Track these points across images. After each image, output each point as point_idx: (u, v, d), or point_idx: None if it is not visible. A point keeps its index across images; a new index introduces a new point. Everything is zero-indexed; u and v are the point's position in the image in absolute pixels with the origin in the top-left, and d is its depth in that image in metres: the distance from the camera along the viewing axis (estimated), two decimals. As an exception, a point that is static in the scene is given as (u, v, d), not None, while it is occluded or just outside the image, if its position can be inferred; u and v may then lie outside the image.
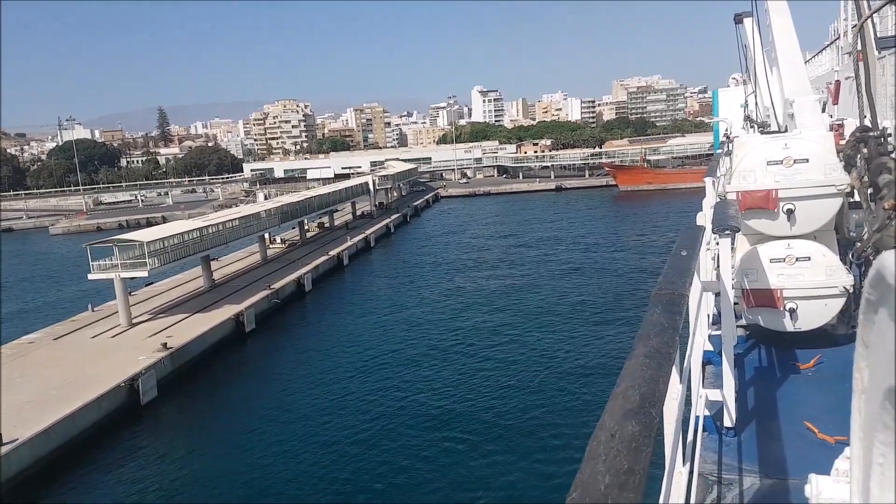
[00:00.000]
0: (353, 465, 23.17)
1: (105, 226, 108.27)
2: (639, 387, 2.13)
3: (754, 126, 12.33)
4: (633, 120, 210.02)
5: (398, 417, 27.23)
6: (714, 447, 5.61)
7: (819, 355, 7.31)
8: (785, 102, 9.32)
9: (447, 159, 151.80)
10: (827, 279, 7.35)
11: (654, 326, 2.82)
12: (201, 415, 29.71)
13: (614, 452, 1.68)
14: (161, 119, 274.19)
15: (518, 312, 41.96)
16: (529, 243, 68.08)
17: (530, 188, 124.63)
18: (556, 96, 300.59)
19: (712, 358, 6.94)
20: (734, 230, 5.77)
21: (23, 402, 26.73)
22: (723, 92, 26.42)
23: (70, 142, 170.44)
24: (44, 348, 34.99)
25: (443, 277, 54.53)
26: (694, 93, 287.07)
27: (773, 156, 7.46)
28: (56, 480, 23.26)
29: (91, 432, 26.10)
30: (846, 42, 20.36)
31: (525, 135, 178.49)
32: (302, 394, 30.33)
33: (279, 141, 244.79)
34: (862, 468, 1.36)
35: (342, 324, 42.46)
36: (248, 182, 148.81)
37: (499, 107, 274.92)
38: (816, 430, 5.58)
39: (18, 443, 22.93)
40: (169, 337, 35.08)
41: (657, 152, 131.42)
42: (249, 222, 55.26)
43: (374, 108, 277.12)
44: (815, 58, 30.16)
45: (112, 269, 39.64)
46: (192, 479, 23.00)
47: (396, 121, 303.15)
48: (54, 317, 44.95)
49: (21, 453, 22.86)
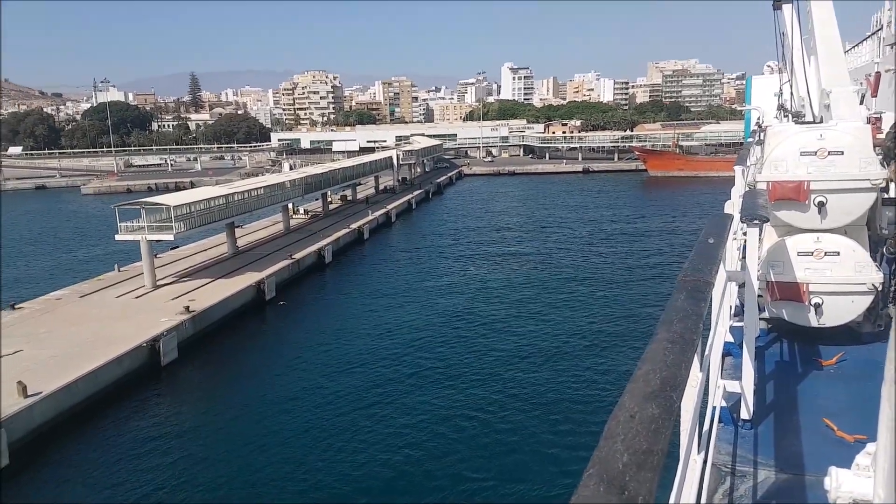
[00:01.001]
0: (364, 435, 23.56)
1: (135, 188, 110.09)
2: (660, 371, 2.13)
3: (787, 115, 12.04)
4: (667, 104, 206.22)
5: (411, 387, 27.60)
6: (729, 439, 5.55)
7: (842, 352, 7.14)
8: (821, 92, 9.07)
9: (473, 136, 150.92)
10: (855, 275, 7.17)
11: (679, 312, 2.81)
12: (219, 378, 30.37)
13: (633, 433, 1.69)
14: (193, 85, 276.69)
15: (537, 293, 41.94)
16: (553, 225, 67.73)
17: (556, 169, 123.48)
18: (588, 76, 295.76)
19: (732, 349, 6.85)
20: (763, 220, 5.67)
21: (47, 356, 27.56)
22: (757, 79, 25.66)
23: (104, 104, 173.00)
24: (70, 305, 35.93)
25: (462, 255, 54.61)
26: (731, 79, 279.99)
27: (807, 146, 7.30)
28: (75, 435, 24.02)
29: (111, 389, 26.86)
30: (889, 33, 19.69)
31: (554, 114, 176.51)
32: (317, 363, 30.81)
33: (307, 112, 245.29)
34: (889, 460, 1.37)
35: (359, 296, 42.86)
36: (275, 151, 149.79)
37: (528, 85, 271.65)
38: (835, 427, 5.48)
39: (41, 396, 23.70)
40: (192, 300, 35.75)
41: (690, 138, 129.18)
42: (274, 192, 55.75)
43: (402, 82, 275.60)
44: (855, 48, 29.19)
45: (139, 231, 40.37)
46: (205, 439, 23.61)
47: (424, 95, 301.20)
48: (82, 275, 46.06)
49: (43, 407, 23.63)
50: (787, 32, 12.90)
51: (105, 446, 23.31)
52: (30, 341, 29.50)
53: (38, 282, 47.28)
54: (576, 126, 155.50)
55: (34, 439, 23.07)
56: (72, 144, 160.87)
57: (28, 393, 23.51)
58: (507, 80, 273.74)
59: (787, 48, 12.88)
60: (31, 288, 44.30)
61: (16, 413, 22.46)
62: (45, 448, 23.02)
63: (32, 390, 23.81)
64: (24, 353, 28.00)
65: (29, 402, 23.20)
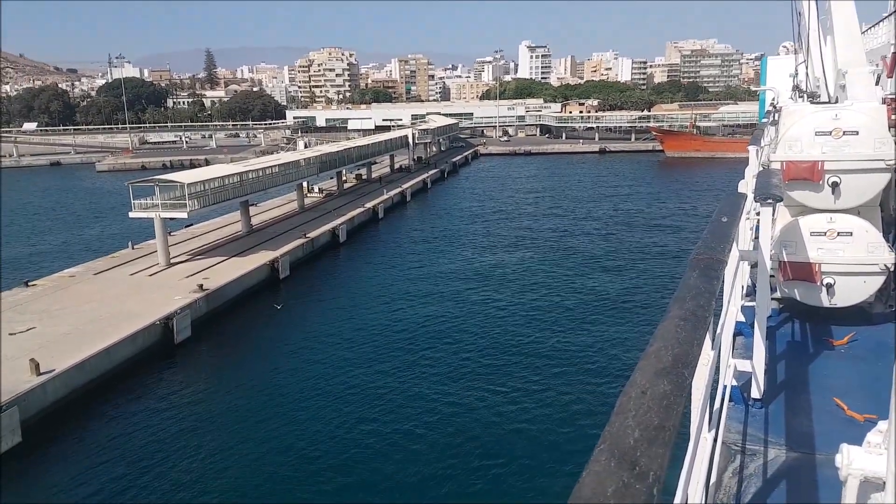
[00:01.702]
0: (375, 415, 23.25)
1: (149, 165, 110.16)
2: (672, 347, 2.12)
3: (803, 96, 11.79)
4: (685, 84, 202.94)
5: (423, 368, 27.37)
6: (740, 417, 5.56)
7: (853, 332, 7.14)
8: (837, 73, 9.02)
9: (489, 116, 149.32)
10: (868, 255, 7.16)
11: (691, 290, 2.81)
12: (232, 357, 30.15)
13: (645, 408, 1.70)
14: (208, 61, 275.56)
15: (552, 271, 41.45)
16: (569, 205, 66.86)
17: (573, 149, 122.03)
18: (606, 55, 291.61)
19: (744, 329, 6.86)
20: (776, 200, 5.58)
21: (61, 333, 27.42)
22: (772, 60, 25.27)
23: (119, 80, 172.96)
24: (84, 283, 35.81)
25: (477, 234, 54.00)
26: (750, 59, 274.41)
27: (822, 126, 7.23)
28: (87, 412, 23.89)
29: (124, 367, 26.71)
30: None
31: (571, 94, 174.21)
32: (328, 343, 30.50)
33: (323, 89, 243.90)
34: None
35: (373, 276, 42.45)
36: (290, 129, 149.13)
37: (546, 63, 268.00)
38: (846, 406, 5.47)
39: (55, 374, 23.55)
40: (205, 279, 35.50)
41: (708, 119, 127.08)
42: (289, 170, 55.27)
43: (419, 60, 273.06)
44: (872, 29, 28.59)
45: (153, 209, 40.09)
46: (217, 419, 23.40)
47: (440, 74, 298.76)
48: (96, 252, 46.03)
49: (56, 384, 23.49)
50: (804, 13, 12.70)
51: (117, 424, 23.15)
52: (43, 319, 29.37)
53: (53, 259, 47.29)
54: (593, 106, 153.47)
55: (47, 416, 22.95)
56: (87, 121, 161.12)
57: (41, 370, 23.36)
58: (525, 59, 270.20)
59: (804, 28, 12.78)
60: (45, 265, 44.31)
61: (28, 391, 22.31)
62: (58, 426, 22.91)
63: (45, 368, 23.65)
64: (37, 330, 27.88)
65: (42, 379, 23.04)
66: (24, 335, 27.22)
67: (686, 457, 3.08)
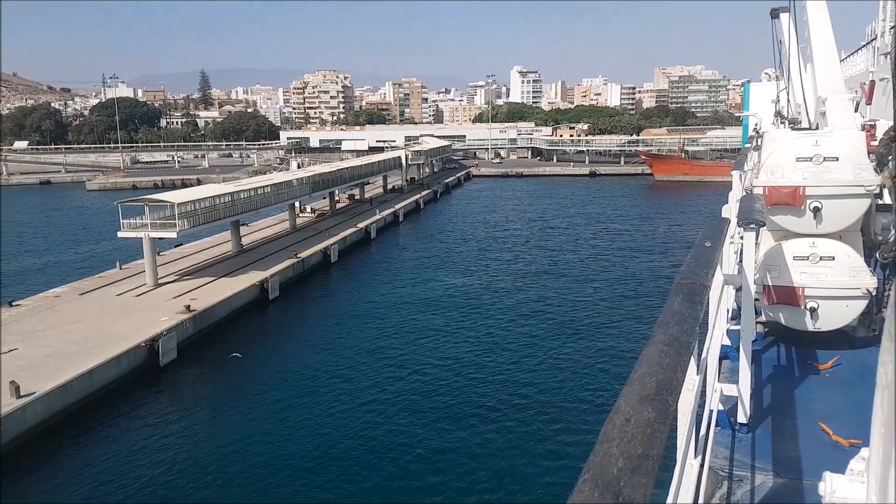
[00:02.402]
0: (366, 437, 22.83)
1: (140, 184, 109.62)
2: (656, 374, 2.11)
3: (785, 122, 12.07)
4: (673, 109, 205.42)
5: (412, 391, 27.02)
6: (726, 442, 5.54)
7: (838, 356, 7.22)
8: (817, 100, 9.22)
9: (482, 138, 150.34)
10: (850, 280, 7.24)
11: (675, 315, 2.80)
12: (217, 380, 29.62)
13: (629, 437, 1.69)
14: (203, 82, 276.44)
15: (541, 294, 41.27)
16: (559, 227, 66.96)
17: (564, 172, 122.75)
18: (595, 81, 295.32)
19: (729, 353, 6.88)
20: (759, 224, 5.66)
21: (43, 355, 26.88)
22: (755, 86, 25.68)
23: (112, 99, 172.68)
24: (69, 303, 35.26)
25: (469, 255, 53.87)
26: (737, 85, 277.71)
27: (803, 152, 7.34)
28: (68, 436, 23.31)
29: (107, 390, 26.15)
30: (883, 43, 19.87)
31: (562, 118, 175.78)
32: (318, 365, 30.07)
33: (317, 111, 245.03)
34: (881, 465, 1.37)
35: (364, 297, 42.11)
36: (283, 150, 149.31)
37: (537, 88, 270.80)
38: (831, 431, 5.52)
39: (35, 396, 23.00)
40: (193, 299, 35.07)
41: (696, 143, 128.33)
42: (281, 190, 55.10)
43: (413, 83, 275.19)
44: (850, 57, 29.19)
45: (142, 229, 39.72)
46: (200, 443, 22.88)
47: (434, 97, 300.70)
48: (83, 272, 45.47)
49: (37, 407, 22.93)
50: (785, 41, 13.10)
51: (98, 449, 22.58)
52: (26, 339, 28.82)
53: (39, 278, 46.71)
54: (583, 129, 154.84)
55: (26, 441, 22.36)
56: (79, 140, 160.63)
57: (21, 393, 22.81)
58: (516, 84, 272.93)
59: (785, 56, 13.08)
60: (31, 284, 43.71)
61: (8, 414, 21.77)
62: (38, 450, 22.30)
63: (26, 390, 23.12)
64: (19, 351, 27.32)
65: (22, 402, 22.49)
66: (6, 356, 26.62)
67: (672, 483, 3.08)
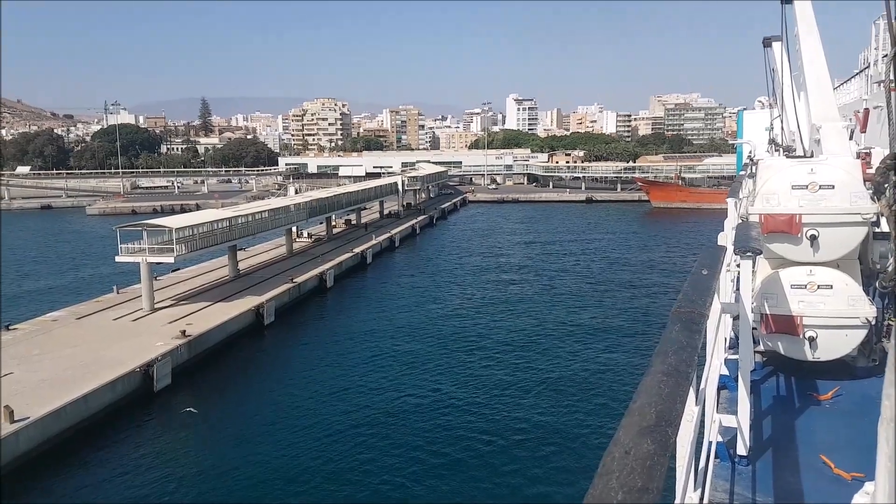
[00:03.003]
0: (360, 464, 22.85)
1: (140, 209, 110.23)
2: (655, 404, 2.10)
3: (779, 150, 12.15)
4: (669, 136, 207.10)
5: (407, 418, 26.99)
6: (726, 475, 5.44)
7: (838, 387, 7.10)
8: (812, 128, 9.21)
9: (478, 164, 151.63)
10: (849, 309, 7.13)
11: (673, 344, 2.78)
12: (211, 406, 29.64)
13: (628, 469, 1.67)
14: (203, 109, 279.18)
15: (537, 321, 41.36)
16: (555, 253, 67.29)
17: (560, 198, 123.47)
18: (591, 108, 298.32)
19: (728, 383, 6.77)
20: (756, 252, 5.58)
21: (38, 380, 27.01)
22: (748, 114, 25.86)
23: (114, 125, 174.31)
24: (66, 327, 35.44)
25: (464, 281, 54.11)
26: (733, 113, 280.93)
27: (799, 180, 7.32)
28: (61, 463, 23.34)
29: (101, 415, 26.23)
30: (876, 71, 20.09)
31: (558, 145, 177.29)
32: (314, 391, 30.15)
33: (315, 137, 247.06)
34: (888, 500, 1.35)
35: (360, 322, 42.29)
36: (281, 175, 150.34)
37: (533, 116, 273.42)
38: (832, 464, 5.42)
39: (29, 421, 23.08)
40: (189, 324, 35.25)
41: (693, 170, 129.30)
42: (278, 215, 55.59)
43: (410, 111, 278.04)
44: (844, 85, 29.57)
45: (139, 253, 40.06)
46: (194, 470, 22.91)
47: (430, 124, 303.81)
48: (81, 296, 45.65)
49: (31, 433, 23.00)
50: (777, 69, 13.18)
51: (91, 474, 22.62)
52: (21, 364, 28.96)
53: (38, 302, 46.87)
54: (579, 156, 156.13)
55: (19, 466, 22.40)
56: (80, 165, 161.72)
57: (15, 418, 22.91)
58: (512, 111, 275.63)
59: (778, 84, 13.19)
60: (29, 308, 43.87)
61: (1, 439, 21.84)
62: (30, 475, 22.33)
63: (20, 415, 23.22)
64: (14, 375, 27.44)
65: (15, 427, 22.58)
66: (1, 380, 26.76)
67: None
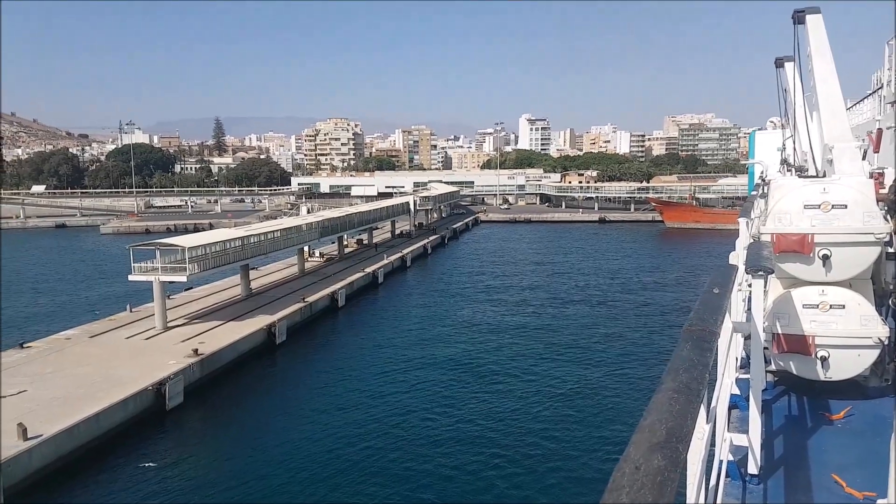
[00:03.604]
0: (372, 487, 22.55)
1: (153, 228, 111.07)
2: (666, 421, 2.10)
3: (791, 170, 12.15)
4: (684, 157, 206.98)
5: (417, 438, 26.77)
6: (737, 494, 5.42)
7: (850, 406, 7.09)
8: (824, 148, 9.21)
9: (490, 184, 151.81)
10: (861, 328, 7.12)
11: (685, 362, 2.80)
12: (223, 424, 29.52)
13: (638, 485, 1.67)
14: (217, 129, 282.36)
15: (549, 341, 41.02)
16: (567, 273, 66.95)
17: (572, 218, 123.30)
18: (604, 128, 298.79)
19: (739, 402, 6.80)
20: (768, 272, 5.59)
21: (50, 398, 26.99)
22: (760, 134, 25.92)
23: (128, 145, 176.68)
24: (79, 345, 35.52)
25: (476, 301, 53.85)
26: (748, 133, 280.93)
27: (811, 200, 7.34)
28: (74, 480, 23.22)
29: (113, 434, 26.13)
30: (889, 91, 20.12)
31: (571, 165, 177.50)
32: (325, 410, 29.93)
33: (328, 157, 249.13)
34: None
35: (371, 341, 42.10)
36: (294, 195, 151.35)
37: (546, 136, 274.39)
38: (844, 483, 5.39)
39: (42, 439, 23.02)
40: (201, 343, 35.22)
41: (707, 191, 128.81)
42: (290, 234, 55.76)
43: (422, 131, 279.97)
44: (856, 106, 29.59)
45: (152, 272, 40.21)
46: (206, 487, 22.69)
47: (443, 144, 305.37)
48: (94, 314, 45.84)
49: (43, 450, 22.93)
50: (790, 89, 13.18)
51: (102, 493, 22.46)
52: (35, 381, 29.00)
53: (51, 320, 47.10)
54: (592, 176, 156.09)
55: (32, 484, 22.30)
56: (94, 184, 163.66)
57: (28, 436, 22.87)
58: (525, 131, 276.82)
59: (790, 104, 13.24)
60: (43, 326, 44.10)
61: (14, 456, 21.78)
62: (43, 493, 22.22)
63: (33, 433, 23.17)
64: (27, 393, 27.47)
65: (28, 445, 22.53)
66: (14, 398, 26.79)
67: None
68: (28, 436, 22.86)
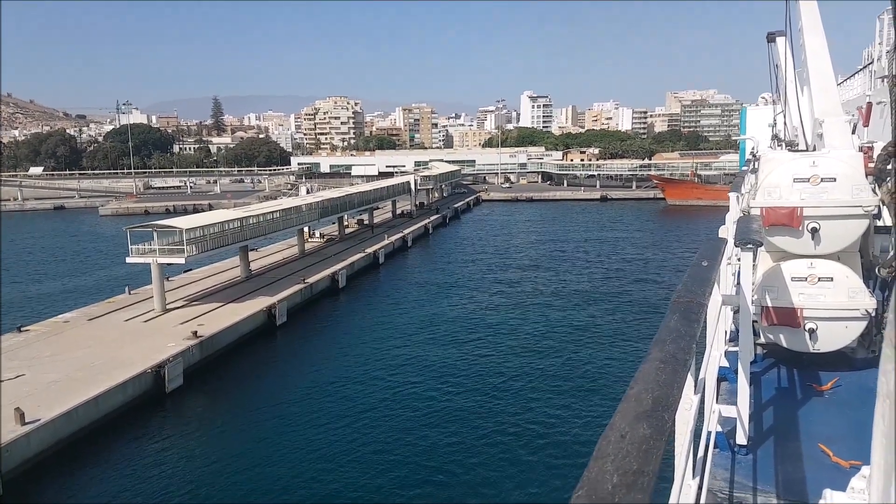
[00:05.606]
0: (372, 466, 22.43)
1: (153, 209, 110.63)
2: (652, 390, 2.12)
3: (781, 145, 12.07)
4: (686, 133, 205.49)
5: (419, 415, 26.75)
6: (725, 464, 5.51)
7: (837, 378, 7.21)
8: (814, 122, 9.22)
9: (491, 163, 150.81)
10: (849, 301, 7.23)
11: (671, 332, 2.80)
12: (223, 406, 29.35)
13: (624, 453, 1.68)
14: (216, 108, 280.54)
15: (550, 318, 40.85)
16: (569, 251, 66.59)
17: (574, 196, 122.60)
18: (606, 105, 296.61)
19: (728, 375, 6.87)
20: (757, 245, 5.65)
21: (49, 381, 26.79)
22: (751, 110, 25.77)
23: (126, 126, 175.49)
24: (78, 328, 35.30)
25: (477, 281, 53.55)
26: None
27: (800, 173, 7.39)
28: (73, 464, 23.08)
29: (113, 417, 25.96)
30: (879, 66, 19.95)
31: (573, 142, 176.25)
32: (325, 391, 29.77)
33: (328, 136, 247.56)
34: (883, 476, 1.38)
35: (372, 322, 41.87)
36: (294, 175, 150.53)
37: (547, 113, 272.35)
38: (831, 452, 5.52)
39: (40, 423, 22.84)
40: (200, 325, 35.00)
41: (709, 167, 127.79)
42: (290, 215, 55.30)
43: (423, 109, 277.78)
44: (847, 81, 29.20)
45: (150, 254, 39.87)
46: (206, 470, 22.55)
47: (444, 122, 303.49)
48: (93, 297, 45.63)
49: (41, 434, 22.76)
50: (781, 65, 13.12)
51: (102, 477, 22.32)
52: (33, 365, 28.79)
53: (49, 303, 46.89)
54: (594, 154, 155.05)
55: (30, 468, 22.16)
56: (93, 166, 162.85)
57: (26, 420, 22.68)
58: (527, 108, 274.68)
59: (781, 80, 13.15)
60: (41, 309, 43.90)
61: (12, 441, 21.61)
62: (41, 478, 22.09)
63: (31, 417, 22.98)
64: (26, 377, 27.26)
65: (26, 429, 22.35)
66: (12, 382, 26.60)
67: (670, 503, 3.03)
68: (26, 420, 22.67)
